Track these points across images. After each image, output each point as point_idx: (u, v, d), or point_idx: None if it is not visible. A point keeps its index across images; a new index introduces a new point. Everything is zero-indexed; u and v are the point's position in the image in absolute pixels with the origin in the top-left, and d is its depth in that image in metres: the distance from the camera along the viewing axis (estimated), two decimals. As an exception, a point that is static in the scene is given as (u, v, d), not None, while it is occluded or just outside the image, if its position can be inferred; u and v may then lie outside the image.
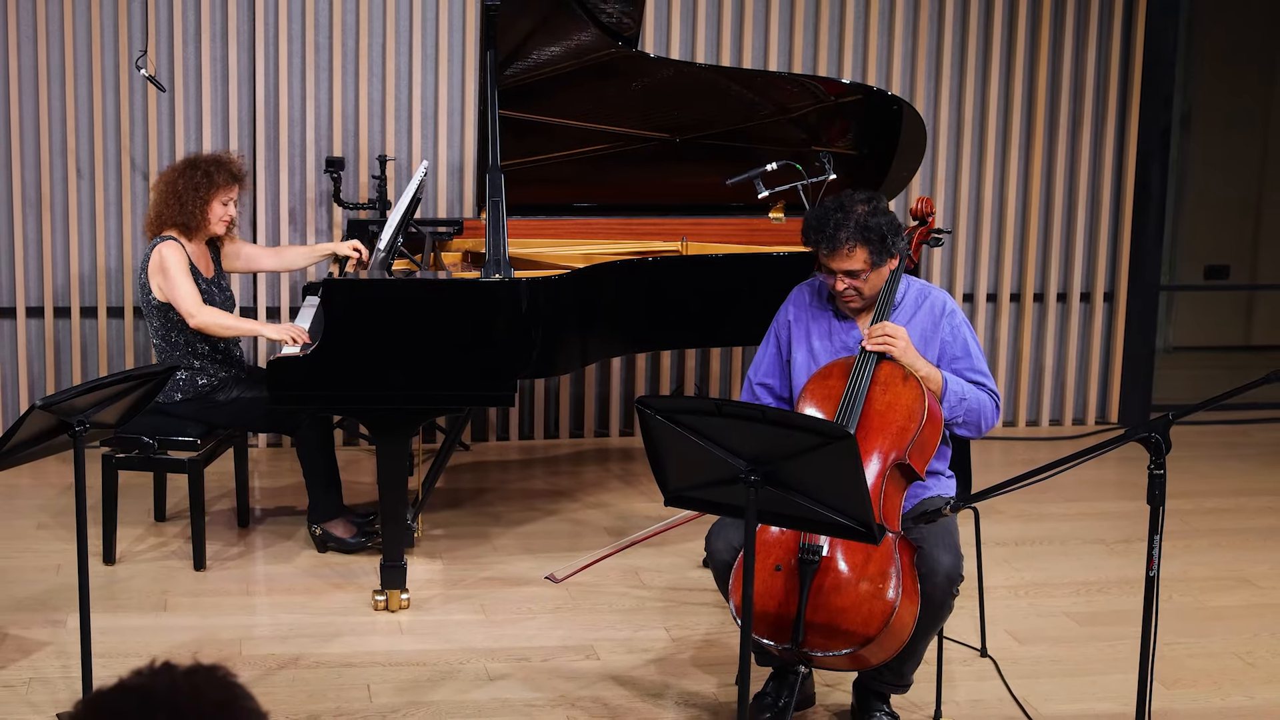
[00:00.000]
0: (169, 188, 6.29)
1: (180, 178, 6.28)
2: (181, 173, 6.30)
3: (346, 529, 6.35)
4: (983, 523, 5.35)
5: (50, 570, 6.05)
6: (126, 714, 1.90)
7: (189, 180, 6.26)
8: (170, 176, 6.32)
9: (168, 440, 6.10)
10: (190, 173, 6.28)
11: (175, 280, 6.15)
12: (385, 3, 7.72)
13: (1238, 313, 10.50)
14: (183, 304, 6.14)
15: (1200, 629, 5.71)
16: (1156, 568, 3.97)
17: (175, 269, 6.15)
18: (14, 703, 4.89)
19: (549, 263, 6.46)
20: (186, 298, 6.14)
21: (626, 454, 7.96)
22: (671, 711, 4.93)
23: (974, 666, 5.30)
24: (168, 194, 6.28)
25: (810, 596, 4.43)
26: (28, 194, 7.59)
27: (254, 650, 5.36)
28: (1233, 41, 10.07)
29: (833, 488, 3.96)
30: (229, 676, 1.99)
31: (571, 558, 6.26)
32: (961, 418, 4.77)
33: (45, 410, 4.28)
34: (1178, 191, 9.99)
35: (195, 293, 6.16)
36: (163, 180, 6.36)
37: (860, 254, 4.72)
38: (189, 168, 6.31)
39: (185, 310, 6.15)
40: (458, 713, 4.89)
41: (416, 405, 5.69)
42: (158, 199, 6.35)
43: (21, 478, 7.04)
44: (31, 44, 7.49)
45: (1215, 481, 7.60)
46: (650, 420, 4.10)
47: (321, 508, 6.33)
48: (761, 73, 7.38)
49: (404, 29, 7.79)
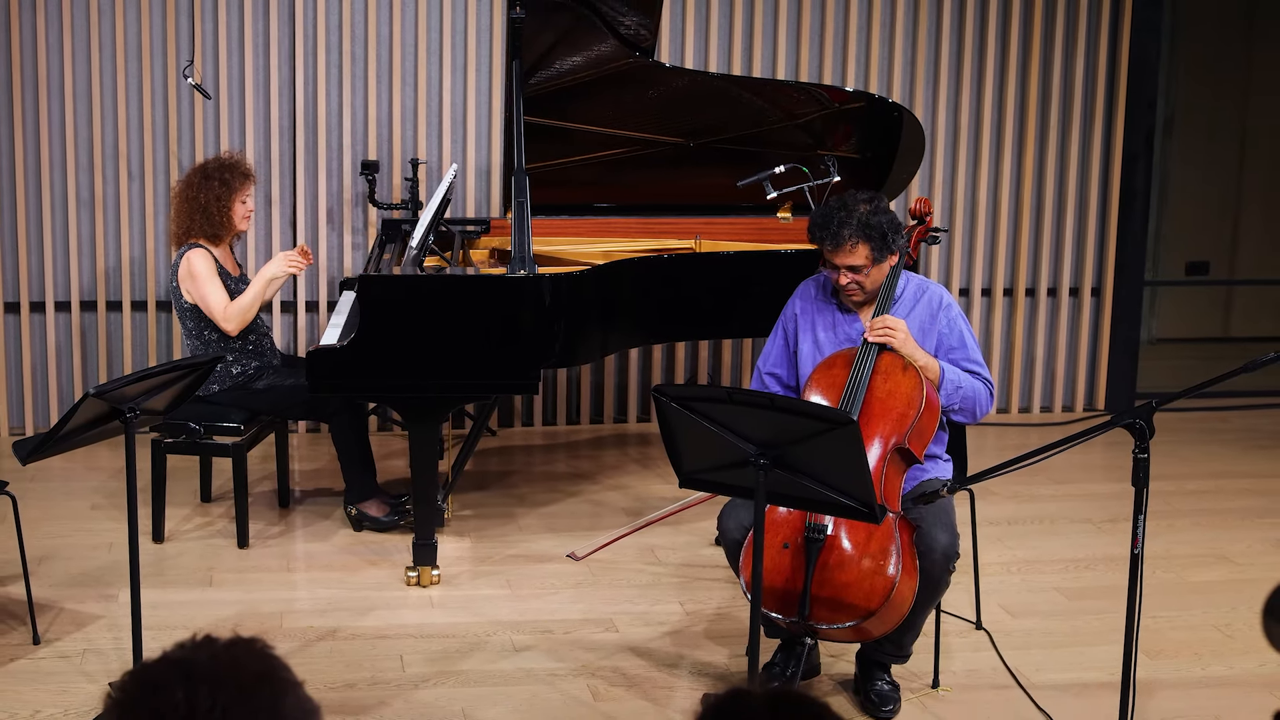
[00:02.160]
0: (190, 202, 6.23)
1: (199, 191, 6.22)
2: (200, 185, 6.23)
3: (380, 508, 6.35)
4: (978, 503, 5.33)
5: (103, 548, 6.06)
6: (170, 684, 1.90)
7: (209, 192, 6.21)
8: (188, 191, 6.26)
9: (213, 426, 6.10)
10: (206, 183, 6.22)
11: (205, 289, 6.13)
12: (417, 15, 7.72)
13: (1217, 306, 10.48)
14: (214, 312, 6.13)
15: (1182, 603, 5.69)
16: (1141, 546, 3.96)
17: (205, 277, 6.14)
18: (69, 672, 4.90)
19: (571, 259, 6.45)
20: (216, 306, 6.13)
21: (644, 439, 7.95)
22: (686, 681, 4.92)
23: (969, 638, 5.28)
24: (191, 207, 6.23)
25: (816, 572, 4.43)
26: (82, 195, 7.59)
27: (294, 623, 5.36)
28: (1212, 51, 10.04)
29: (837, 470, 3.95)
30: (266, 648, 1.99)
31: (592, 537, 6.27)
32: (958, 405, 4.77)
33: (98, 398, 4.28)
34: (1160, 192, 9.96)
35: (224, 299, 6.15)
36: (180, 195, 6.30)
37: (862, 250, 4.73)
38: (204, 179, 6.24)
39: (217, 319, 6.13)
40: (485, 681, 4.89)
41: (446, 393, 5.68)
42: (180, 212, 6.29)
43: (76, 462, 7.05)
44: (85, 55, 7.49)
45: (1196, 465, 7.57)
46: (666, 407, 4.09)
47: (356, 489, 6.33)
48: (770, 81, 7.35)
49: (434, 40, 7.78)
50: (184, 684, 1.89)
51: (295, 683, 1.97)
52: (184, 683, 1.89)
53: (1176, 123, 10.06)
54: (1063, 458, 4.70)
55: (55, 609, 5.41)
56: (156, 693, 1.90)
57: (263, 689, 1.92)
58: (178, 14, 7.53)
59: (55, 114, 7.51)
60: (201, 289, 6.14)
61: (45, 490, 6.72)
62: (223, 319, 6.14)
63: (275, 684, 1.94)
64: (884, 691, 4.74)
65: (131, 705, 1.92)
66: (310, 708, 1.97)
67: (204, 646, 1.97)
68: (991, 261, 8.47)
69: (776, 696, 1.96)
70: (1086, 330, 8.62)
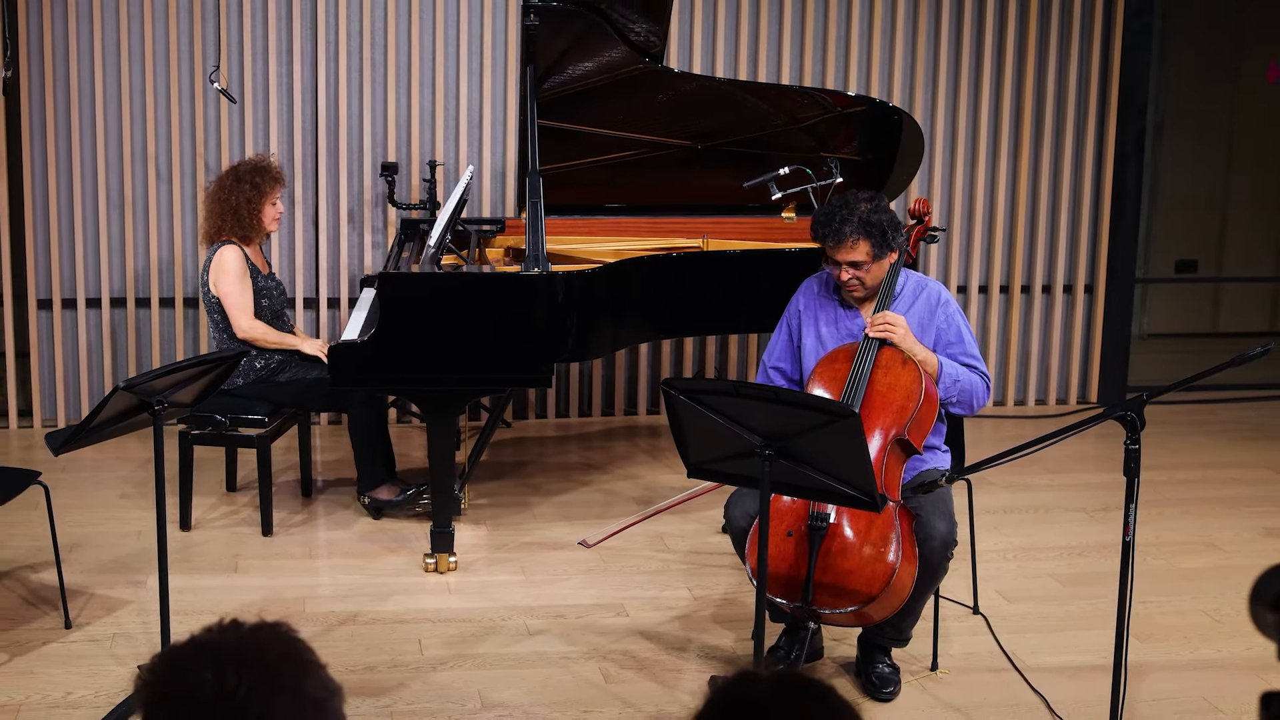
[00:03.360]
0: (222, 204, 6.23)
1: (231, 193, 6.22)
2: (230, 187, 6.23)
3: (391, 490, 6.34)
4: (975, 493, 5.33)
5: (132, 536, 6.06)
6: (198, 665, 1.90)
7: (240, 194, 6.21)
8: (220, 193, 6.26)
9: (238, 418, 6.10)
10: (239, 186, 6.22)
11: (233, 289, 6.14)
12: (436, 22, 7.71)
13: (1205, 302, 10.46)
14: (233, 312, 6.13)
15: (1171, 589, 5.68)
16: (1132, 533, 3.95)
17: (235, 275, 6.14)
18: (100, 656, 4.91)
19: (583, 258, 6.45)
20: (239, 307, 6.13)
21: (653, 431, 7.95)
22: (694, 663, 4.92)
23: (967, 623, 5.28)
24: (222, 209, 6.23)
25: (819, 559, 4.43)
26: (112, 195, 7.60)
27: (316, 608, 5.36)
28: (1201, 57, 10.03)
29: (840, 461, 3.95)
30: (290, 632, 2.00)
31: (603, 525, 6.27)
32: (955, 397, 4.77)
33: (127, 391, 4.28)
34: (1151, 192, 9.94)
35: (249, 305, 6.15)
36: (213, 196, 6.30)
37: (863, 246, 4.73)
38: (235, 181, 6.24)
39: (235, 319, 6.14)
40: (500, 664, 4.89)
41: (463, 387, 5.68)
42: (211, 213, 6.29)
43: (106, 453, 7.05)
44: (115, 61, 7.50)
45: (1185, 456, 7.56)
46: (674, 400, 4.09)
47: (368, 478, 6.32)
48: (775, 86, 7.35)
49: (452, 46, 7.78)
50: (212, 665, 1.89)
51: (318, 664, 1.98)
52: (212, 664, 1.90)
53: (1166, 126, 10.05)
54: (1057, 449, 4.68)
55: (86, 594, 5.42)
56: (185, 674, 1.90)
57: (287, 669, 1.93)
58: (204, 20, 7.53)
59: (86, 117, 7.51)
60: (229, 288, 6.15)
61: (76, 480, 6.73)
62: (242, 324, 6.14)
63: (299, 665, 1.95)
64: (884, 674, 4.74)
65: (161, 686, 1.92)
66: (332, 688, 1.97)
67: (230, 630, 1.97)
68: (988, 260, 8.46)
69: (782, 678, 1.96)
70: (1080, 326, 8.61)
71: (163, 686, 1.92)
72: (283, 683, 1.91)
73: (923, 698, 4.69)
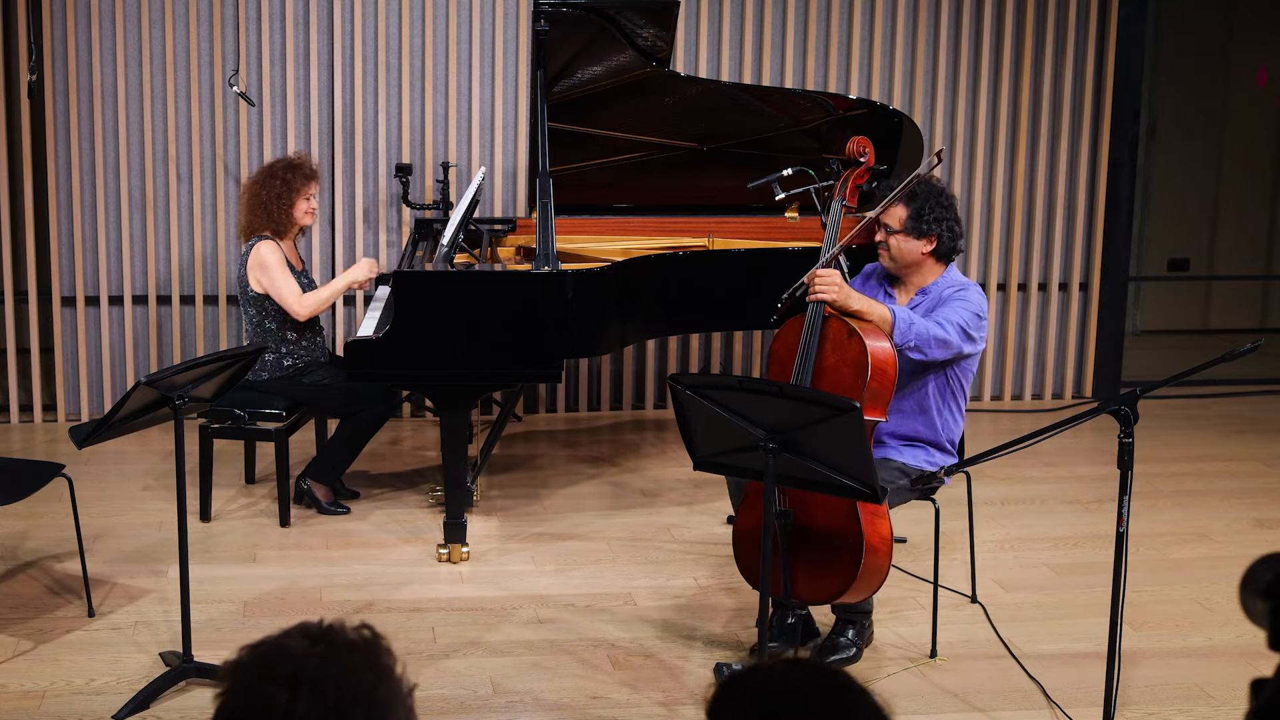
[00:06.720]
0: (255, 199, 6.24)
1: (263, 189, 6.22)
2: (263, 184, 6.23)
3: (327, 494, 6.30)
4: (973, 484, 5.33)
5: (154, 527, 6.06)
6: (276, 678, 1.85)
7: (271, 190, 6.21)
8: (254, 189, 6.26)
9: (257, 413, 6.10)
10: (270, 182, 6.23)
11: (277, 279, 6.13)
12: (449, 27, 7.71)
13: (1197, 300, 10.46)
14: (287, 300, 6.12)
15: (1164, 578, 5.67)
16: (1125, 524, 3.95)
17: (275, 267, 6.13)
18: (122, 643, 4.91)
19: (592, 256, 6.44)
20: (289, 294, 6.13)
21: (660, 425, 7.94)
22: (700, 650, 4.92)
23: (965, 611, 5.27)
24: (254, 204, 6.24)
25: (791, 553, 4.45)
26: (133, 196, 7.60)
27: (332, 597, 5.36)
28: (1192, 64, 10.03)
29: (840, 453, 3.95)
30: (381, 659, 1.92)
31: (612, 516, 6.26)
32: (913, 342, 4.66)
33: (149, 386, 4.28)
34: (1144, 194, 9.94)
35: (296, 289, 6.15)
36: (248, 192, 6.32)
37: (898, 211, 4.81)
38: (268, 178, 6.25)
39: (289, 306, 6.12)
40: (512, 651, 4.89)
41: (475, 382, 5.67)
42: (245, 208, 6.30)
43: (128, 446, 7.06)
44: (137, 65, 7.50)
45: (1177, 449, 7.55)
46: (681, 394, 4.09)
47: (323, 470, 6.28)
48: (779, 89, 7.34)
49: (464, 51, 7.77)
50: (289, 685, 1.84)
51: (396, 702, 1.91)
52: (289, 683, 1.84)
53: (1159, 130, 10.04)
54: (1052, 442, 4.69)
55: (109, 584, 5.42)
56: (261, 685, 1.86)
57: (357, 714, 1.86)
58: (223, 26, 7.53)
59: (109, 120, 7.51)
60: (272, 279, 6.14)
61: (100, 472, 6.74)
62: (295, 308, 6.12)
63: (371, 707, 1.87)
64: (839, 643, 4.76)
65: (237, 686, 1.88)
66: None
67: (323, 640, 1.90)
68: (986, 258, 8.45)
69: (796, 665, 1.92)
70: (1075, 323, 8.59)
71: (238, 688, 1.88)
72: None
73: (922, 684, 4.69)
